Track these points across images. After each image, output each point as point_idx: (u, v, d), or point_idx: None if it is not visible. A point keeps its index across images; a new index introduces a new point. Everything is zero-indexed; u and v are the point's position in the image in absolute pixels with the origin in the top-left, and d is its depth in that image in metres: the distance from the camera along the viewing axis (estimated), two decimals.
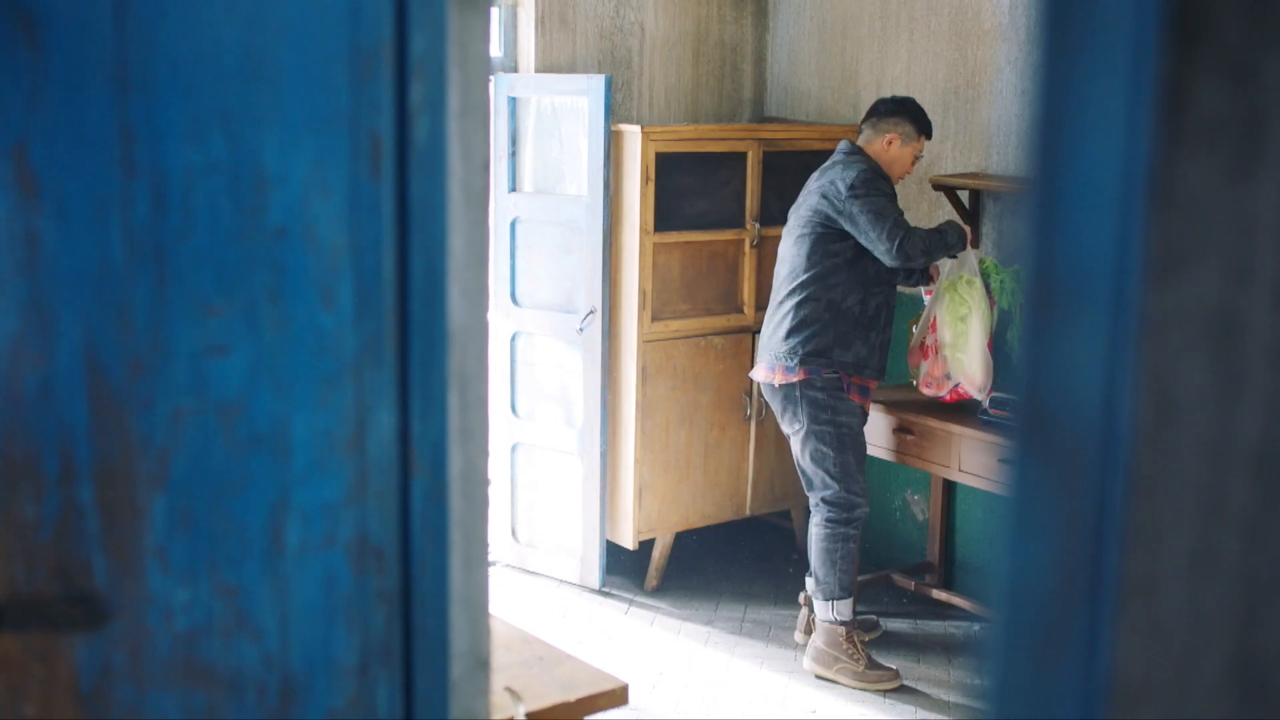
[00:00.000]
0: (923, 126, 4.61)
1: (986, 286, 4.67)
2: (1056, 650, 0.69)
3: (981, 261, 4.72)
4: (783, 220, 5.47)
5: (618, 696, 2.59)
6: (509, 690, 2.49)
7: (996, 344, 4.71)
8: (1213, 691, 0.70)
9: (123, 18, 1.31)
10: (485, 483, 1.64)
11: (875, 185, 4.47)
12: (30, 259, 1.34)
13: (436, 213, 1.44)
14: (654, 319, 5.22)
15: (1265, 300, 0.66)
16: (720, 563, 5.76)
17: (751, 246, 5.42)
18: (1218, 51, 0.66)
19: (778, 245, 5.37)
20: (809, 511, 5.64)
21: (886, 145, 4.56)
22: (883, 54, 5.58)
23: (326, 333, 1.41)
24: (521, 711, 2.45)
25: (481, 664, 1.66)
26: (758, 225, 5.41)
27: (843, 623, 4.60)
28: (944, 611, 5.17)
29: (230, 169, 1.36)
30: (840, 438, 4.56)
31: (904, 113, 4.59)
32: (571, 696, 2.55)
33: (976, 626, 5.05)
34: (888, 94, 5.80)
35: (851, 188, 4.46)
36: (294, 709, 1.47)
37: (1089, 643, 0.68)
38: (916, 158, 4.64)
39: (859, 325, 4.51)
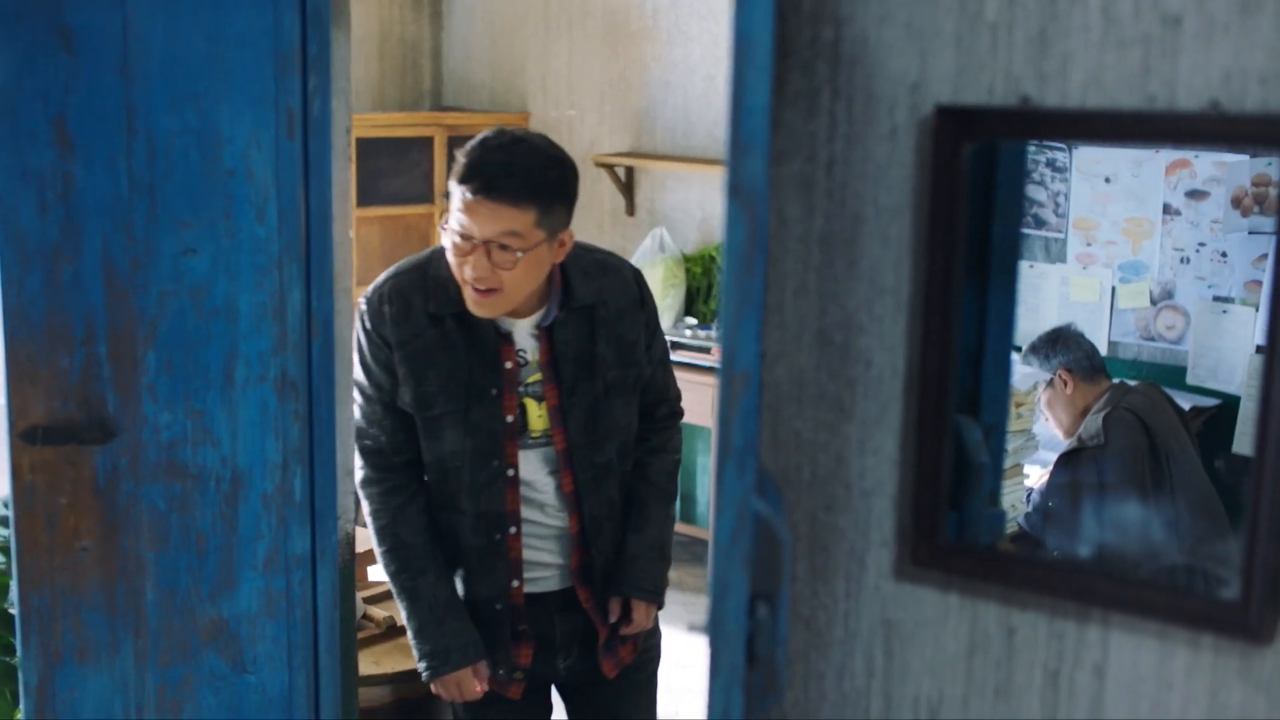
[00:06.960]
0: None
1: None
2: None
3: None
4: None
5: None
6: None
7: None
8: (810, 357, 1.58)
9: (128, 32, 2.01)
10: (348, 347, 2.40)
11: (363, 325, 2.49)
12: (65, 192, 2.02)
13: (325, 162, 2.19)
14: (358, 284, 5.91)
15: (822, 170, 1.55)
16: None
17: (440, 219, 6.18)
18: (796, 60, 1.54)
19: None
20: None
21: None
22: (547, 51, 6.45)
23: (260, 239, 2.14)
24: None
25: (349, 473, 2.42)
26: (446, 200, 6.17)
27: None
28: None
29: (198, 132, 2.07)
30: None
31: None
32: None
33: None
34: (554, 87, 6.74)
35: None
36: (240, 493, 2.20)
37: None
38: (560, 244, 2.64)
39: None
